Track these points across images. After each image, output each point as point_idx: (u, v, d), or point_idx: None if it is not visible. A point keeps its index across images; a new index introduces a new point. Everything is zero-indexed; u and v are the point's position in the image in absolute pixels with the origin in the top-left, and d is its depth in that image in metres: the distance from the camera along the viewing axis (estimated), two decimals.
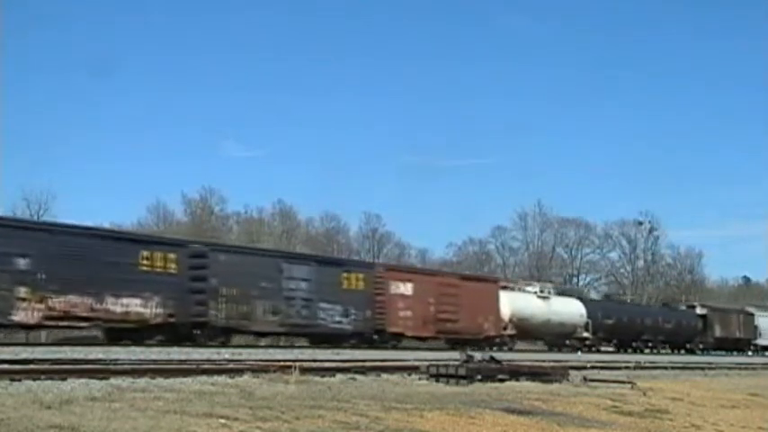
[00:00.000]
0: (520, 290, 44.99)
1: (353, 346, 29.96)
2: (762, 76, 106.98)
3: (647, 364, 28.42)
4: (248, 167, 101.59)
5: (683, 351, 54.17)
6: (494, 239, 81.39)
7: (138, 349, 20.75)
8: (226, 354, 19.99)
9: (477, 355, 18.67)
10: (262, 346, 28.25)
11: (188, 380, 12.74)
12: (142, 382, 12.05)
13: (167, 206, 66.85)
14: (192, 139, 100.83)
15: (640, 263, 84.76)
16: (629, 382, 18.57)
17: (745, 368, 34.27)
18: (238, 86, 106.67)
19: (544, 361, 23.43)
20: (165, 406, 9.42)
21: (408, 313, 34.96)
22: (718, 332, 58.45)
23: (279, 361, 16.11)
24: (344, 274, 32.98)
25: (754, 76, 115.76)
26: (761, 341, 62.87)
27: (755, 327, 62.89)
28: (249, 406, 9.95)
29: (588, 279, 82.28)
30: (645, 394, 17.12)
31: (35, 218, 53.60)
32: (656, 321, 53.41)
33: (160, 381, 12.31)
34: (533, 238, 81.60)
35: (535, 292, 44.85)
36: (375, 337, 33.09)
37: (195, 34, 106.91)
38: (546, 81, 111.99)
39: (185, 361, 16.72)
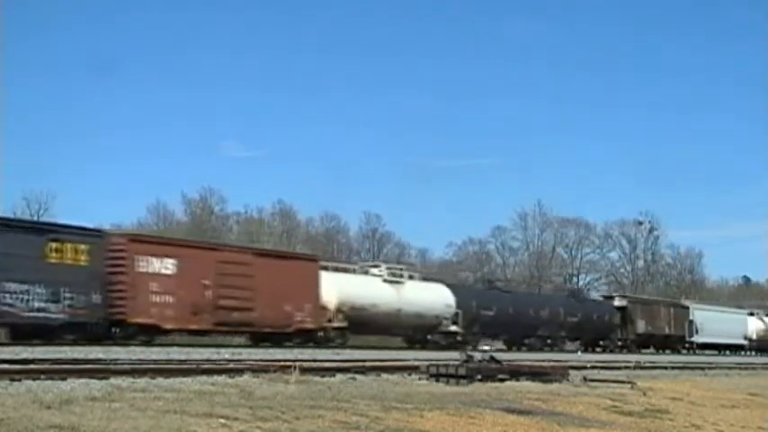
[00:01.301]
0: (362, 272, 36.90)
1: (75, 342, 23.12)
2: (762, 75, 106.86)
3: (647, 364, 28.45)
4: (248, 167, 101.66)
5: (597, 349, 47.34)
6: (494, 239, 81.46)
7: (138, 349, 20.77)
8: (226, 354, 20.01)
9: (477, 355, 18.70)
10: (261, 347, 28.22)
11: (188, 380, 12.75)
12: (142, 382, 12.05)
13: (167, 206, 66.97)
14: (192, 139, 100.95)
15: (640, 263, 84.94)
16: (629, 382, 18.60)
17: (745, 368, 34.32)
18: (238, 86, 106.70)
19: (544, 361, 23.46)
20: (165, 406, 9.42)
21: (168, 299, 26.62)
22: (641, 327, 51.20)
23: (279, 361, 16.12)
24: (53, 245, 24.25)
25: (755, 75, 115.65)
26: (698, 338, 55.70)
27: (691, 322, 55.66)
28: (249, 406, 9.96)
29: (588, 279, 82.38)
30: (645, 394, 17.13)
31: (35, 218, 53.67)
32: (555, 314, 45.19)
33: (160, 381, 12.31)
34: (533, 238, 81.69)
35: (381, 276, 36.37)
36: (115, 330, 25.54)
37: (195, 34, 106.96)
38: (546, 81, 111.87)
39: (185, 361, 16.73)
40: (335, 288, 32.94)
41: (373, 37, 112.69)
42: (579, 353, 40.15)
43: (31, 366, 13.25)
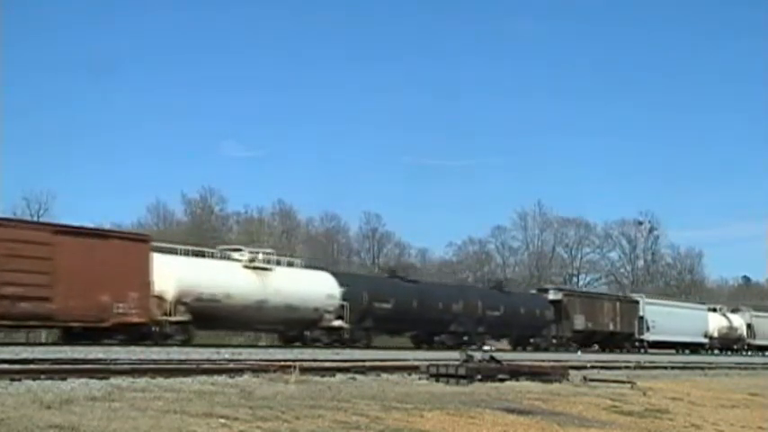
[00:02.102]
0: (222, 256, 31.32)
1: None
2: (762, 75, 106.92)
3: (647, 364, 28.47)
4: (248, 167, 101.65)
5: (529, 348, 42.47)
6: (494, 239, 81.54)
7: (138, 349, 20.77)
8: (226, 354, 20.01)
9: (477, 355, 18.70)
10: (262, 346, 28.17)
11: (188, 380, 12.75)
12: (142, 381, 12.05)
13: (167, 206, 66.92)
14: (192, 139, 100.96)
15: (640, 263, 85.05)
16: (629, 382, 18.60)
17: (745, 368, 34.34)
18: (238, 87, 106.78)
19: (544, 361, 23.47)
20: (165, 406, 9.42)
21: None
22: (579, 323, 46.03)
23: (279, 361, 16.13)
24: None
25: (755, 75, 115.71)
26: (650, 336, 51.10)
27: (641, 318, 51.02)
28: (249, 406, 9.96)
29: (588, 279, 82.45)
30: (645, 394, 17.13)
31: (35, 218, 53.67)
32: (472, 307, 39.87)
33: (160, 381, 12.31)
34: (533, 237, 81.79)
35: (241, 261, 30.80)
36: None
37: (195, 34, 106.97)
38: (546, 82, 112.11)
39: (185, 361, 16.74)
40: (174, 275, 27.35)
41: (373, 37, 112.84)
42: (579, 353, 39.90)
43: (31, 366, 13.26)
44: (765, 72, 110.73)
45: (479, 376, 16.10)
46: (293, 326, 32.18)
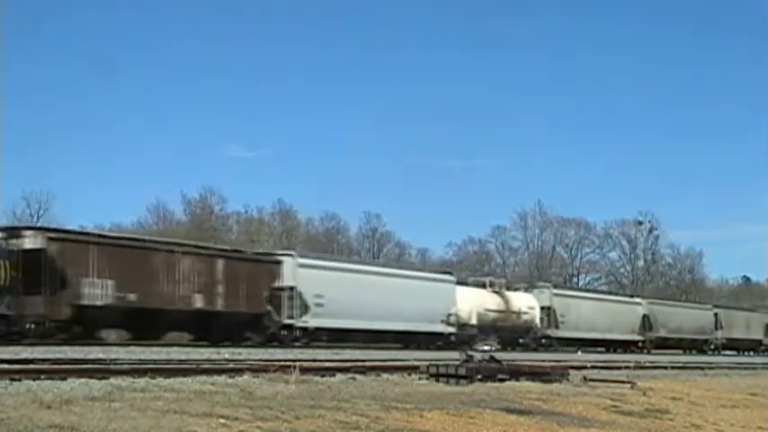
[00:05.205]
0: None
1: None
2: (761, 75, 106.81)
3: (647, 364, 28.46)
4: (248, 167, 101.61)
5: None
6: (494, 239, 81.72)
7: (138, 349, 20.78)
8: (226, 354, 20.02)
9: (477, 355, 18.71)
10: (262, 346, 28.19)
11: (188, 380, 12.74)
12: (142, 382, 12.05)
13: (167, 206, 67.05)
14: (192, 139, 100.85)
15: (640, 263, 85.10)
16: (629, 382, 18.60)
17: (746, 368, 34.33)
18: (239, 87, 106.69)
19: (544, 361, 23.47)
20: (165, 406, 9.42)
21: None
22: (96, 295, 25.87)
23: (279, 361, 16.13)
24: None
25: (753, 76, 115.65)
26: (311, 320, 31.64)
27: (290, 290, 31.39)
28: (249, 406, 9.96)
29: (588, 279, 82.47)
30: (645, 394, 17.13)
31: (35, 217, 53.69)
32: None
33: (160, 381, 12.31)
34: (533, 237, 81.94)
35: None
36: None
37: (196, 34, 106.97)
38: (547, 82, 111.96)
39: (185, 361, 16.75)
40: None
41: (373, 37, 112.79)
42: (579, 352, 39.92)
43: (31, 366, 13.27)
44: (764, 72, 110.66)
45: (479, 376, 16.10)
46: None
